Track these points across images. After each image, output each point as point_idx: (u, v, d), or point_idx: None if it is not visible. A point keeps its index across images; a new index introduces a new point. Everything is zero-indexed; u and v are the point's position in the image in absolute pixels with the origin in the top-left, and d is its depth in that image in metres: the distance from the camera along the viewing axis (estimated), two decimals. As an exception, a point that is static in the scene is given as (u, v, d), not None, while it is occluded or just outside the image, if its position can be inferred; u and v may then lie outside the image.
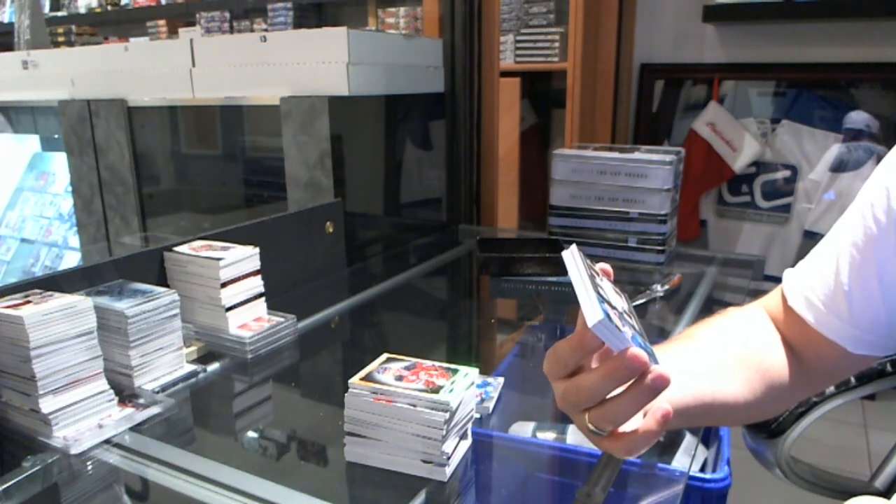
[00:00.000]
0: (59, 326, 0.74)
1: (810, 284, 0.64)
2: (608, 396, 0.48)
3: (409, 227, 1.72)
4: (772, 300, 0.70)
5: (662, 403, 0.48)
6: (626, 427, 0.49)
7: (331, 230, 1.36)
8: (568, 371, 0.50)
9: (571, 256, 0.49)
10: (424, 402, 0.65)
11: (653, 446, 0.50)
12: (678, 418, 0.58)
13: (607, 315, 0.44)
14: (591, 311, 0.44)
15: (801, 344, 0.66)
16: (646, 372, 0.46)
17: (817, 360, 0.65)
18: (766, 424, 0.94)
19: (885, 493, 0.90)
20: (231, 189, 1.69)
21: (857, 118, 2.31)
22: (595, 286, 0.47)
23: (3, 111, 2.12)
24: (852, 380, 0.90)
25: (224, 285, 0.98)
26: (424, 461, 0.67)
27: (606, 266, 0.53)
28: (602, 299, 0.46)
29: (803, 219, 2.41)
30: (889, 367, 0.88)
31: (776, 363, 0.65)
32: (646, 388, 0.46)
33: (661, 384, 0.46)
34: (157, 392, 0.85)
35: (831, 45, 2.35)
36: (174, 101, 1.66)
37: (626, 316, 0.49)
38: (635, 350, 0.45)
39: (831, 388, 0.91)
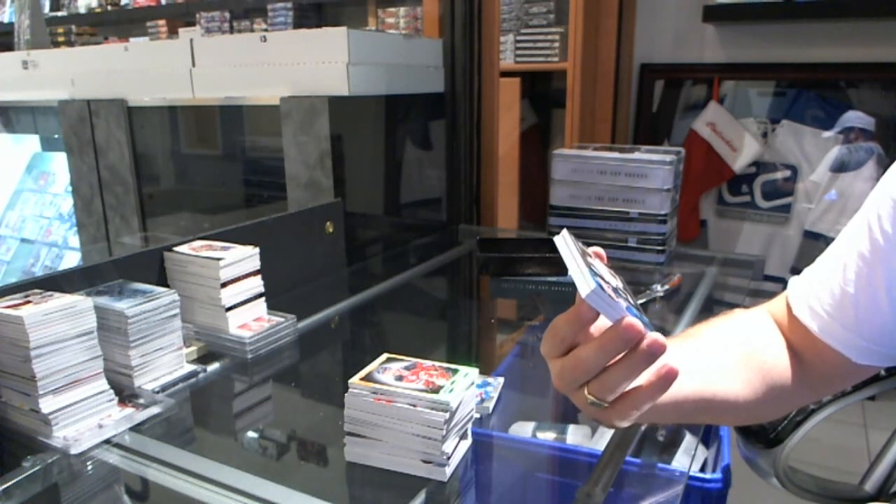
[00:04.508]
0: (59, 326, 0.74)
1: (815, 293, 0.64)
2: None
3: (409, 227, 1.72)
4: (776, 305, 0.70)
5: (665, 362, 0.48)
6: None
7: (331, 230, 1.36)
8: (565, 347, 0.50)
9: (563, 240, 0.51)
10: (424, 402, 0.65)
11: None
12: (677, 413, 0.58)
13: (600, 286, 0.45)
14: (583, 283, 0.45)
15: (805, 350, 0.66)
16: (641, 339, 0.47)
17: (821, 366, 0.65)
18: (763, 433, 0.93)
19: (876, 497, 0.89)
20: (231, 189, 1.69)
21: (857, 118, 2.31)
22: (587, 264, 0.48)
23: (3, 111, 2.12)
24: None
25: (224, 285, 0.98)
26: (424, 461, 0.67)
27: (599, 249, 0.54)
28: (594, 273, 0.47)
29: (803, 219, 2.41)
30: (882, 371, 0.88)
31: (778, 365, 0.65)
32: (642, 353, 0.47)
33: (657, 349, 0.47)
34: (157, 392, 0.85)
35: (831, 45, 2.35)
36: (174, 101, 1.66)
37: (620, 292, 0.50)
38: (630, 319, 0.46)
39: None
